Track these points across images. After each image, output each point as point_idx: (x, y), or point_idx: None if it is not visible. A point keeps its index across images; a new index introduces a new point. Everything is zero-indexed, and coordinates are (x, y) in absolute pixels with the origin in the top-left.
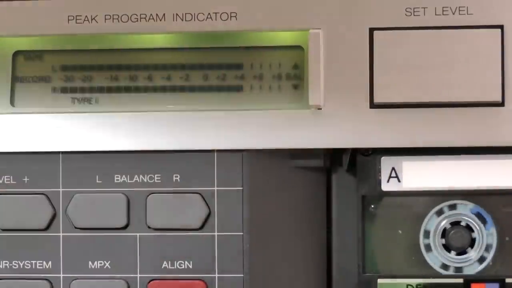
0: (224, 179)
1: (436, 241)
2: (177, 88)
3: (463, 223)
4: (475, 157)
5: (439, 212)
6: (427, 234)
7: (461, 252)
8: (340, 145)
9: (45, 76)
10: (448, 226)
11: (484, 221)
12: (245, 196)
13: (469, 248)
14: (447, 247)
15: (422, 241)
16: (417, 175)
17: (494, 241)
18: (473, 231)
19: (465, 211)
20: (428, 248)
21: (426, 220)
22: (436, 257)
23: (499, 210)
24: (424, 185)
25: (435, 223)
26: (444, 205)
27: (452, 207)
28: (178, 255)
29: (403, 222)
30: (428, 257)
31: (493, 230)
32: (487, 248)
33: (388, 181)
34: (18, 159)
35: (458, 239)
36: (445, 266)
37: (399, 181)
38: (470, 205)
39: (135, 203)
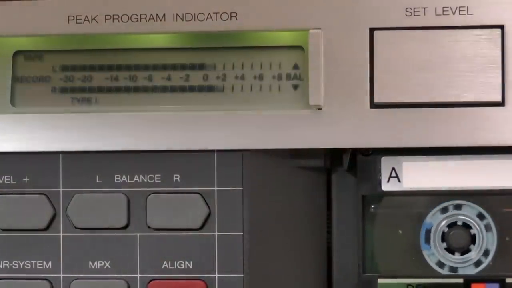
0: (224, 179)
1: (436, 241)
2: (177, 88)
3: (463, 223)
4: (475, 157)
5: (439, 212)
6: (427, 234)
7: (461, 252)
8: (340, 145)
9: (45, 76)
10: (448, 226)
11: (484, 221)
12: (245, 196)
13: (469, 248)
14: (447, 247)
15: (422, 241)
16: (417, 175)
17: (494, 241)
18: (473, 231)
19: (465, 211)
20: (427, 248)
21: (426, 220)
22: (436, 257)
23: (500, 210)
24: (424, 185)
25: (435, 223)
26: (444, 205)
27: (452, 207)
28: (178, 255)
29: (403, 222)
30: (428, 257)
31: (493, 230)
32: (487, 248)
33: (388, 181)
34: (18, 159)
35: (458, 239)
36: (445, 266)
37: (399, 181)
38: (470, 205)
39: (135, 203)
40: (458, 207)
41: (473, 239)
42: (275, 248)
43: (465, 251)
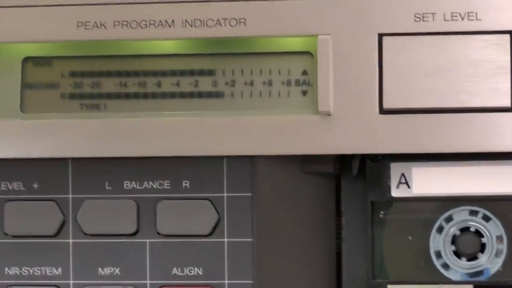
0: (234, 185)
1: (446, 247)
2: (186, 94)
3: (473, 229)
4: (484, 163)
5: (449, 218)
6: (437, 240)
7: (471, 258)
8: (350, 151)
9: (54, 82)
10: (458, 232)
11: (494, 227)
12: (254, 202)
13: (479, 254)
14: (457, 253)
15: (432, 247)
16: (426, 181)
17: (504, 247)
18: (483, 237)
19: (475, 217)
20: (438, 254)
21: (435, 226)
22: (446, 263)
23: (509, 216)
24: (433, 191)
25: (445, 229)
26: (454, 210)
27: (462, 213)
28: (188, 262)
29: (413, 228)
30: (438, 263)
31: (503, 236)
32: (497, 254)
33: (397, 187)
34: (28, 165)
35: (468, 245)
36: (455, 272)
37: (408, 187)
38: (480, 210)
39: (145, 210)
40: (467, 212)
41: (483, 245)
42: (284, 254)
43: (475, 257)
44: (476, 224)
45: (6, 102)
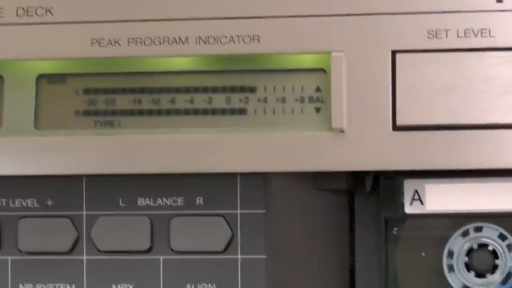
0: (247, 202)
1: (459, 264)
2: (200, 111)
3: (486, 246)
4: (498, 179)
5: (462, 235)
6: (450, 256)
7: (484, 274)
8: (363, 167)
9: (68, 99)
10: (471, 249)
11: (508, 244)
12: (267, 219)
13: (493, 271)
14: (471, 270)
15: (445, 263)
16: (440, 198)
17: None
18: (496, 254)
19: (488, 234)
20: (451, 270)
21: (449, 242)
22: (459, 280)
23: None
24: (447, 207)
25: (458, 246)
26: (467, 227)
27: (475, 229)
28: (202, 278)
29: (426, 245)
30: (451, 280)
31: None
32: (510, 270)
33: (411, 203)
34: (42, 182)
35: (481, 261)
36: None
37: (422, 203)
38: (494, 227)
39: (159, 226)
40: (480, 229)
41: (496, 262)
42: (298, 271)
43: (488, 273)
44: (490, 241)
45: (21, 119)
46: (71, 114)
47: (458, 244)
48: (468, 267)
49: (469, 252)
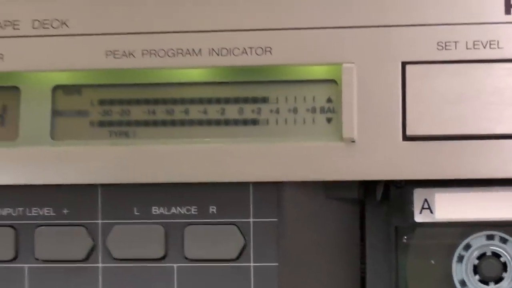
0: (260, 210)
1: (469, 272)
2: (213, 122)
3: (494, 253)
4: (508, 189)
5: (472, 243)
6: (459, 264)
7: (494, 282)
8: (374, 177)
9: (84, 110)
10: (480, 257)
11: None
12: (280, 227)
13: (502, 277)
14: (480, 278)
15: (455, 271)
16: (449, 207)
17: None
18: (505, 262)
19: (498, 242)
20: (461, 282)
21: (458, 251)
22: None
23: None
24: (456, 216)
25: (467, 254)
26: (476, 236)
27: (485, 238)
28: (215, 286)
29: (436, 253)
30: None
31: None
32: None
33: (420, 212)
34: (58, 192)
35: (490, 269)
36: None
37: (431, 212)
38: (502, 235)
39: (173, 235)
40: (490, 237)
41: (504, 269)
42: (309, 279)
43: (497, 281)
44: (499, 250)
45: (37, 129)
46: (86, 125)
47: (467, 253)
48: (478, 275)
49: (478, 260)
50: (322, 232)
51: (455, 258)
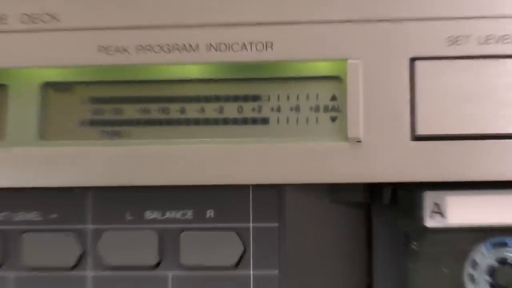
0: (260, 215)
1: (482, 279)
2: (210, 121)
3: (510, 260)
4: None
5: (485, 249)
6: (472, 271)
7: None
8: (381, 179)
9: (74, 109)
10: (495, 264)
11: None
12: (281, 233)
13: None
14: (494, 285)
15: (467, 279)
16: (461, 210)
17: None
18: None
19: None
20: (473, 286)
21: (471, 257)
22: None
23: None
24: (469, 220)
25: (480, 260)
26: (490, 241)
27: (499, 243)
28: None
29: (447, 259)
30: None
31: None
32: None
33: (431, 216)
34: (46, 195)
35: (504, 276)
36: None
37: (442, 216)
38: None
39: (167, 241)
40: (505, 243)
41: None
42: (312, 287)
43: None
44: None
45: (25, 129)
46: (76, 124)
47: (480, 259)
48: (491, 282)
49: (492, 267)
50: (326, 238)
51: (468, 266)
